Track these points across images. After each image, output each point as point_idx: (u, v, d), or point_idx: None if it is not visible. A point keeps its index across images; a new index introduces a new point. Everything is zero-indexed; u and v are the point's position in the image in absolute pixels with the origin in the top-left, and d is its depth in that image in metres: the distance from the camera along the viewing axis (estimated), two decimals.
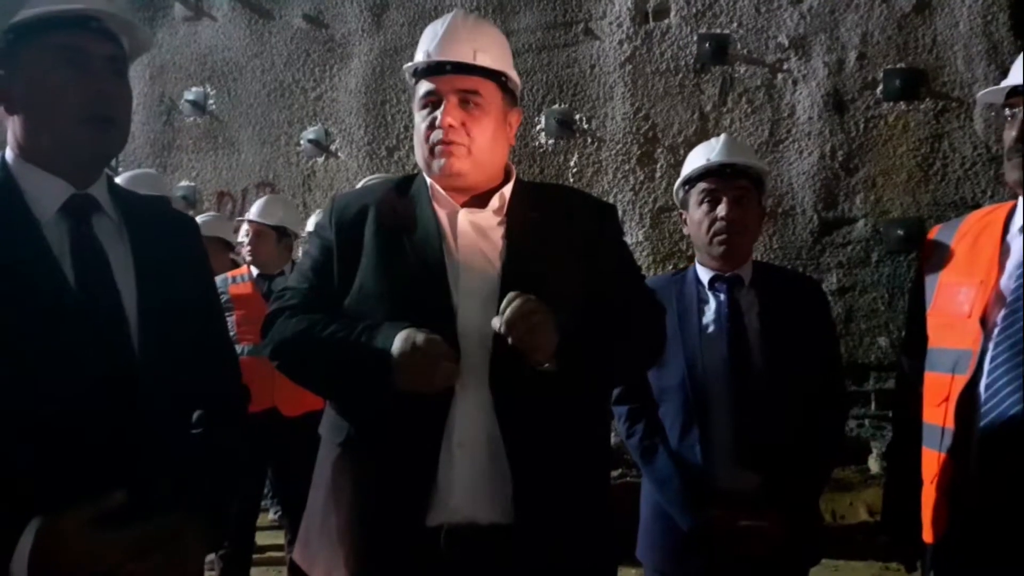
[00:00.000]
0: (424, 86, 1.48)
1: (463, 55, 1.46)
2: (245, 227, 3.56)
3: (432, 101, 1.47)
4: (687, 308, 1.97)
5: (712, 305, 1.97)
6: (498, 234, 1.47)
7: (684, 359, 1.90)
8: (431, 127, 1.46)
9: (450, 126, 1.44)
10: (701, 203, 1.99)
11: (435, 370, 1.31)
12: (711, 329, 1.94)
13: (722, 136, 2.10)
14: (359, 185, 2.49)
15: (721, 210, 1.95)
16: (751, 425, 1.86)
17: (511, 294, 1.31)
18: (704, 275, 2.02)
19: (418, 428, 1.36)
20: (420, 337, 1.31)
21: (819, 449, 1.93)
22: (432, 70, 1.47)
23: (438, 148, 1.45)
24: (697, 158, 2.05)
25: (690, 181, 2.03)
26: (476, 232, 1.46)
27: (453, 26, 1.49)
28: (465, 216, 1.47)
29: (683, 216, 2.09)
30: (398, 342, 1.31)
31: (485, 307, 1.38)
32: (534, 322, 1.29)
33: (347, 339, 1.36)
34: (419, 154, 1.51)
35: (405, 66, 1.54)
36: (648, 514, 2.00)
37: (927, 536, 1.51)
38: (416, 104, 1.51)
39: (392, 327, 1.34)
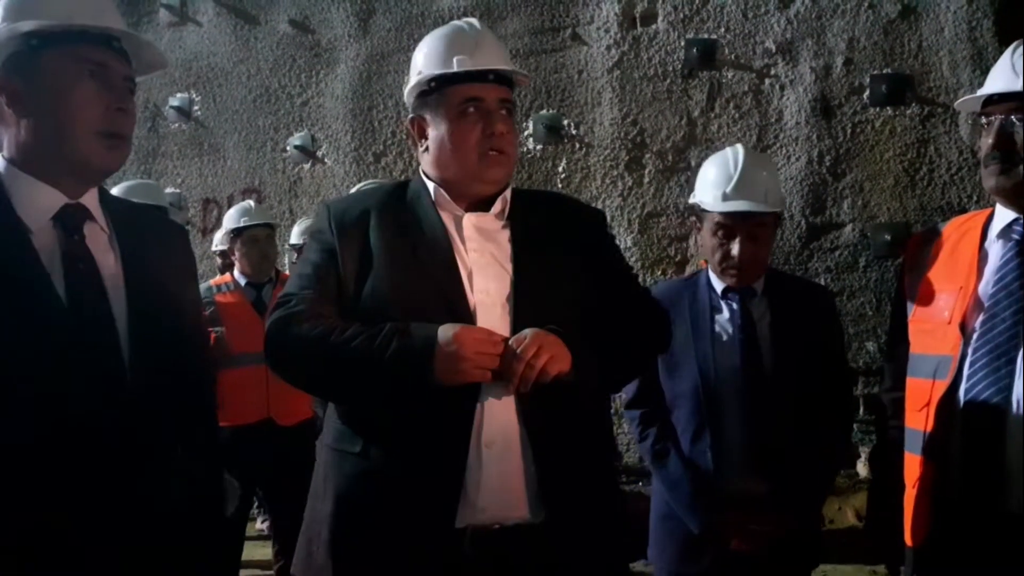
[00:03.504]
0: (462, 92, 1.46)
1: (501, 65, 1.49)
2: (222, 235, 3.54)
3: (473, 108, 1.46)
4: (699, 314, 1.97)
5: (725, 313, 1.98)
6: (504, 237, 1.49)
7: (697, 366, 1.92)
8: (484, 134, 1.45)
9: (503, 134, 1.46)
10: (715, 232, 1.94)
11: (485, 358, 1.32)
12: (724, 337, 1.95)
13: (740, 155, 1.96)
14: (353, 191, 2.48)
15: (734, 248, 1.91)
16: (761, 432, 1.88)
17: (512, 344, 1.32)
18: (717, 283, 2.01)
19: (447, 429, 1.36)
20: (470, 327, 1.34)
21: (825, 456, 1.96)
22: (473, 77, 1.46)
23: (491, 155, 1.46)
24: (713, 181, 1.95)
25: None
26: (483, 235, 1.48)
27: (485, 36, 1.51)
28: (471, 220, 1.49)
29: (695, 224, 2.02)
30: (447, 332, 1.32)
31: (501, 308, 1.41)
32: (545, 360, 1.31)
33: (375, 340, 1.33)
34: (460, 160, 1.47)
35: (435, 71, 1.48)
36: (657, 516, 2.03)
37: (909, 539, 1.53)
38: (447, 111, 1.47)
39: (422, 326, 1.34)
